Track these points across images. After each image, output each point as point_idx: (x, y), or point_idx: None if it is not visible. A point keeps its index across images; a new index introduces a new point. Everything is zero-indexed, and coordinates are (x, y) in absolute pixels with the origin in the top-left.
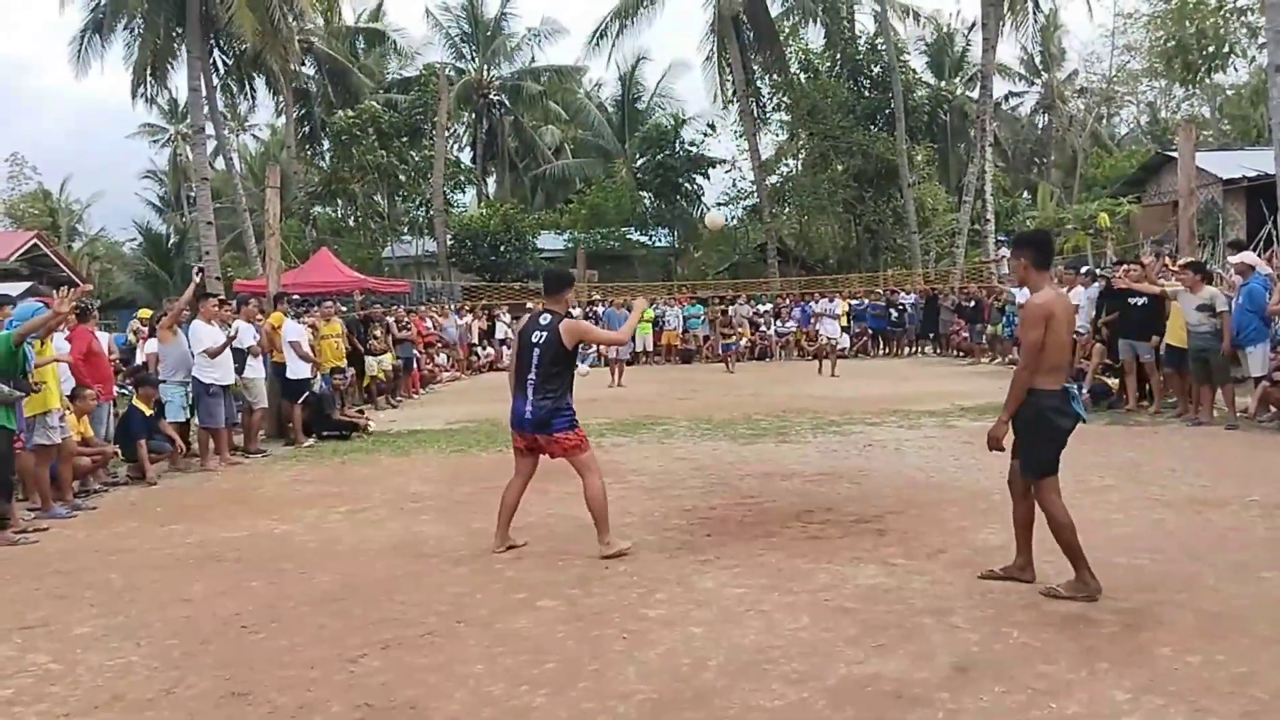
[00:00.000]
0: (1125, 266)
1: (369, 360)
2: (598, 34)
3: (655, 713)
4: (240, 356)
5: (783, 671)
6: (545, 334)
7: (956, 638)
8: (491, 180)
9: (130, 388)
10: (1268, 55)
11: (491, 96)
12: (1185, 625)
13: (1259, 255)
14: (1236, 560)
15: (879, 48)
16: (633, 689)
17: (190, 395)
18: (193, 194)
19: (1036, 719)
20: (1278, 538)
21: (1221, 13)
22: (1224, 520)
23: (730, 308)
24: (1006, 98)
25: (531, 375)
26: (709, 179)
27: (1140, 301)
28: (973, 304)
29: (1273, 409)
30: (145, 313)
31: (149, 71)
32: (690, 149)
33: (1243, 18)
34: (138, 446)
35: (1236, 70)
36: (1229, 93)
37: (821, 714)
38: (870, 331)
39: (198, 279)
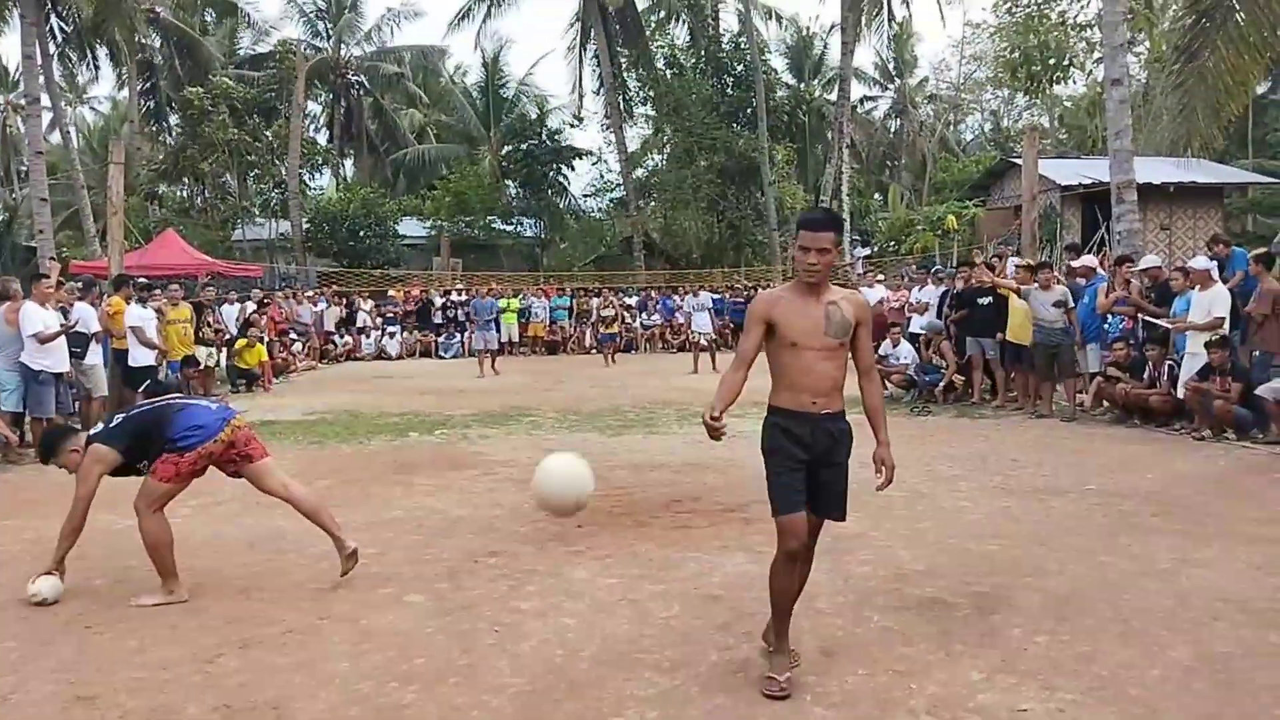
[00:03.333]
0: (965, 269)
1: (199, 350)
2: (461, 14)
3: (529, 705)
4: (81, 341)
5: (655, 660)
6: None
7: (821, 622)
8: (350, 163)
9: None
10: (1104, 69)
11: (350, 76)
12: (1033, 607)
13: (1095, 258)
14: (1078, 545)
15: (742, 47)
16: (505, 682)
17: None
18: (24, 168)
19: (898, 699)
20: (1114, 524)
21: (1063, 27)
22: (1065, 507)
23: (611, 298)
24: (861, 101)
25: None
26: (574, 170)
27: (986, 301)
28: None
29: (1105, 403)
30: None
31: None
32: (556, 139)
33: (1082, 33)
34: None
35: (1075, 82)
36: (1067, 104)
37: (694, 700)
38: (732, 325)
39: (56, 268)
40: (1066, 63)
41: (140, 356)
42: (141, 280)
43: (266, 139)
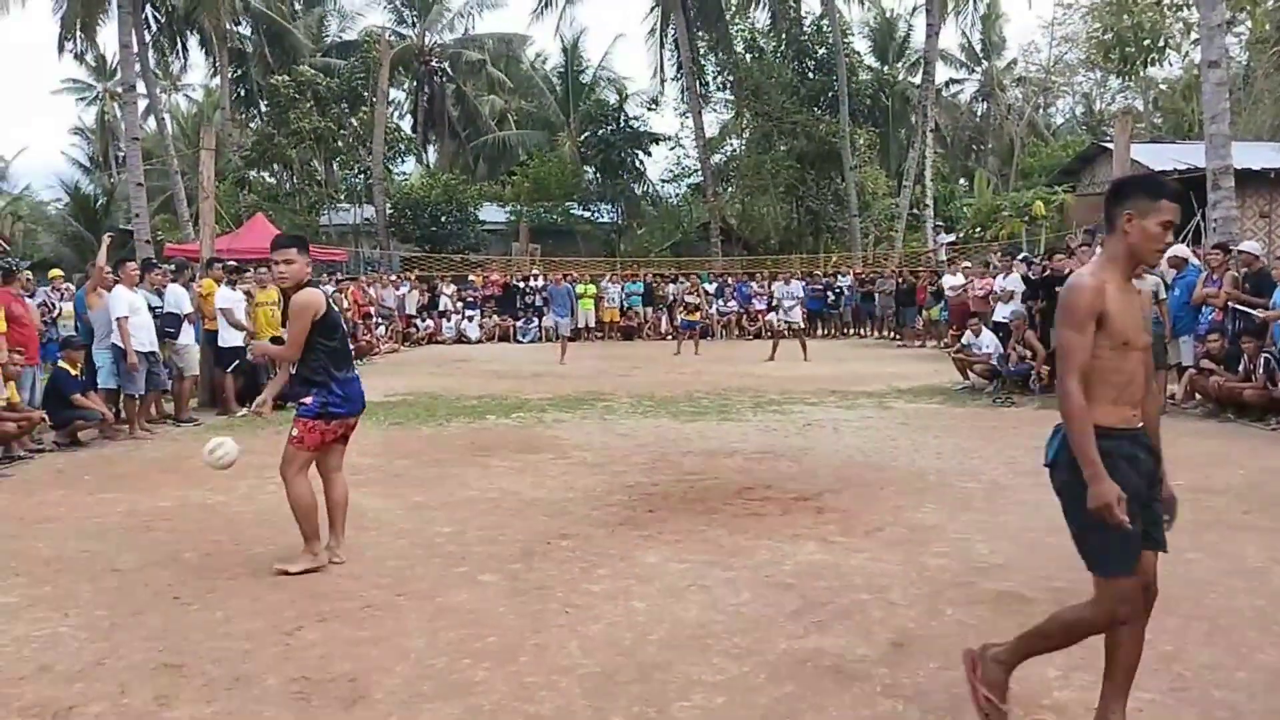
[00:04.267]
0: (1057, 257)
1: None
2: (543, 2)
3: (597, 686)
4: (175, 322)
5: (724, 646)
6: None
7: (894, 614)
8: (432, 149)
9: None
10: (1200, 50)
11: (433, 63)
12: None
13: (1188, 247)
14: None
15: (824, 29)
16: (575, 662)
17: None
18: (122, 154)
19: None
20: (1202, 520)
21: (1159, 7)
22: None
23: (697, 284)
24: (947, 84)
25: (350, 351)
26: (651, 155)
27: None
28: (906, 288)
29: (1197, 397)
30: (55, 273)
31: (78, 25)
32: (634, 125)
33: (1178, 13)
34: (71, 403)
35: (1171, 65)
36: (1163, 86)
37: (762, 688)
38: (808, 313)
39: (107, 241)
40: (1162, 44)
41: (229, 337)
42: (231, 263)
43: (352, 126)
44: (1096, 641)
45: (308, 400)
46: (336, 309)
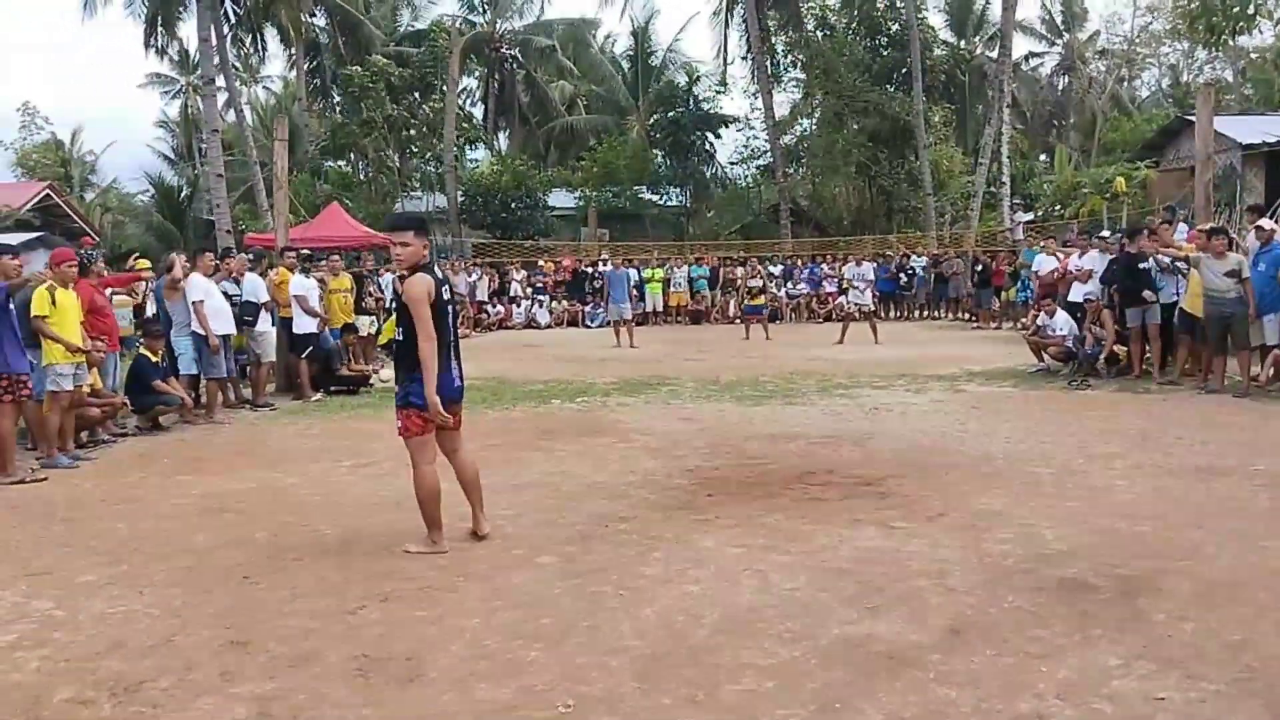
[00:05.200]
0: (1139, 238)
1: (360, 319)
2: None
3: (648, 669)
4: (252, 310)
5: (776, 631)
6: (451, 291)
7: (952, 600)
8: (503, 136)
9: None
10: None
11: (503, 50)
12: (1182, 593)
13: (1276, 222)
14: (1238, 529)
15: (898, 5)
16: (627, 645)
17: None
18: (204, 146)
19: (1027, 682)
20: None
21: None
22: (1228, 489)
23: (758, 267)
24: (1026, 58)
25: (452, 338)
26: (720, 138)
27: (1146, 267)
28: (980, 269)
29: None
30: (143, 263)
31: (159, 21)
32: (703, 106)
33: None
34: (153, 389)
35: (1262, 33)
36: (1253, 56)
37: (812, 673)
38: (879, 295)
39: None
40: (1252, 11)
41: (303, 324)
42: (305, 251)
43: (424, 114)
44: (1161, 631)
45: (399, 390)
46: (442, 297)
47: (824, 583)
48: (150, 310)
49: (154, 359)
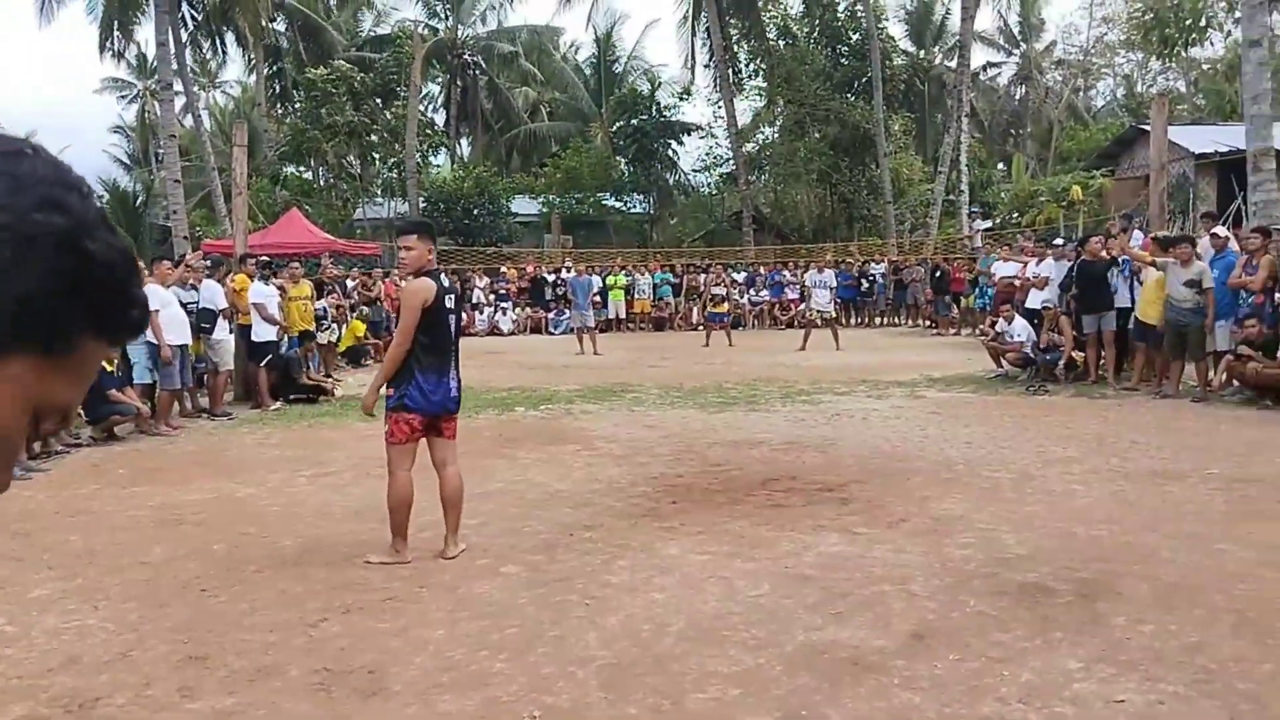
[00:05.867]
0: (1094, 238)
1: (320, 332)
2: None
3: (613, 678)
4: (210, 317)
5: (741, 638)
6: (455, 298)
7: (914, 605)
8: (465, 142)
9: None
10: (1242, 30)
11: (466, 56)
12: (1140, 596)
13: (1228, 230)
14: (1193, 532)
15: (858, 14)
16: (592, 654)
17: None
18: (161, 151)
19: (989, 686)
20: (1235, 510)
21: None
22: (1184, 492)
23: (721, 275)
24: (984, 68)
25: (453, 347)
26: (683, 145)
27: (1107, 275)
28: (939, 275)
29: (1235, 383)
30: None
31: (115, 25)
32: (667, 114)
33: None
34: (107, 399)
35: (1213, 45)
36: (1204, 68)
37: (778, 679)
38: (840, 301)
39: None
40: (1203, 24)
41: (263, 332)
42: (264, 259)
43: (386, 120)
44: (1120, 634)
45: (390, 392)
46: (444, 304)
47: (788, 589)
48: None
49: (109, 367)
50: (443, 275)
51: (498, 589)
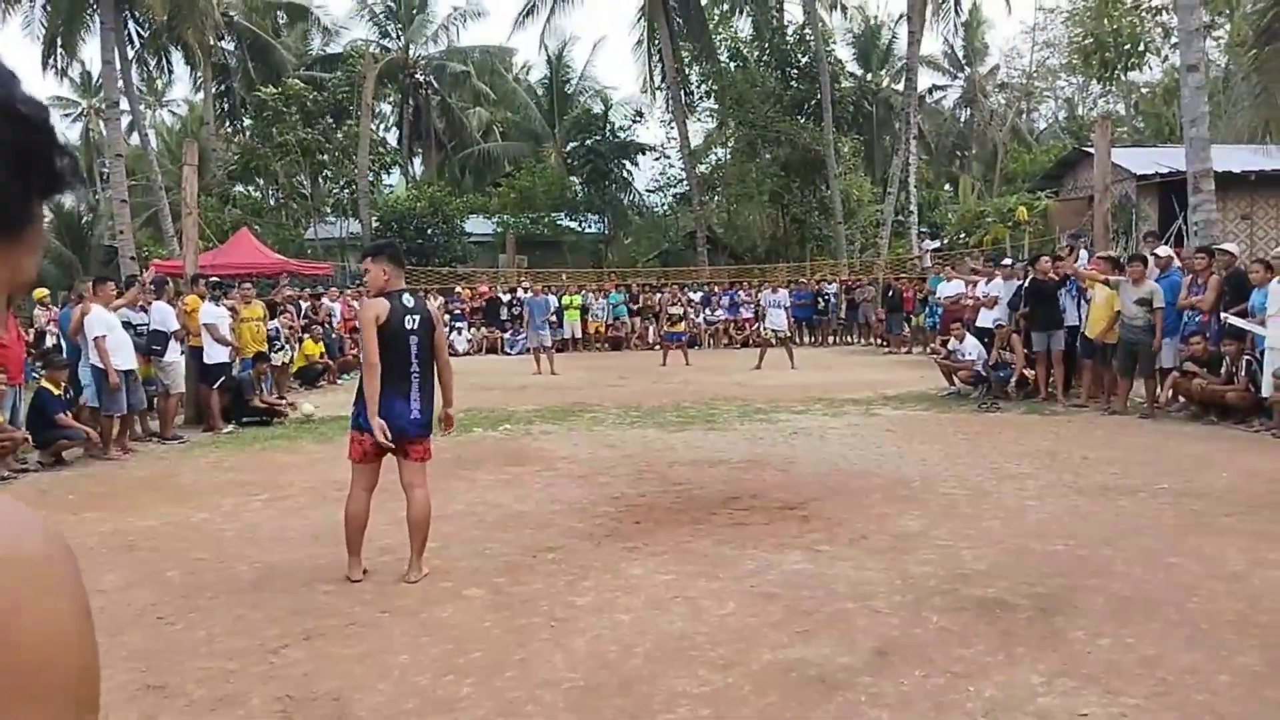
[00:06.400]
0: (1044, 258)
1: (275, 352)
2: (526, 10)
3: (582, 700)
4: (160, 339)
5: (708, 657)
6: (419, 319)
7: (878, 622)
8: (418, 161)
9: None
10: (1180, 55)
11: (418, 76)
12: (1097, 609)
13: (1170, 249)
14: (1146, 546)
15: (807, 38)
16: (560, 677)
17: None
18: (106, 170)
19: (955, 701)
20: (1185, 524)
21: (1138, 11)
22: (1135, 507)
23: (679, 295)
24: (930, 90)
25: (415, 369)
26: (638, 165)
27: (1057, 294)
28: (892, 295)
29: (1181, 399)
30: (41, 292)
31: (58, 42)
32: (620, 134)
33: (1158, 17)
34: (55, 423)
35: (1151, 69)
36: (1144, 91)
37: (746, 699)
38: (797, 321)
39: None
40: (1141, 48)
41: (214, 353)
42: (214, 279)
43: (338, 139)
44: (1080, 648)
45: (351, 411)
46: (404, 325)
47: (753, 608)
48: (50, 341)
49: (56, 391)
50: (405, 296)
51: (461, 612)
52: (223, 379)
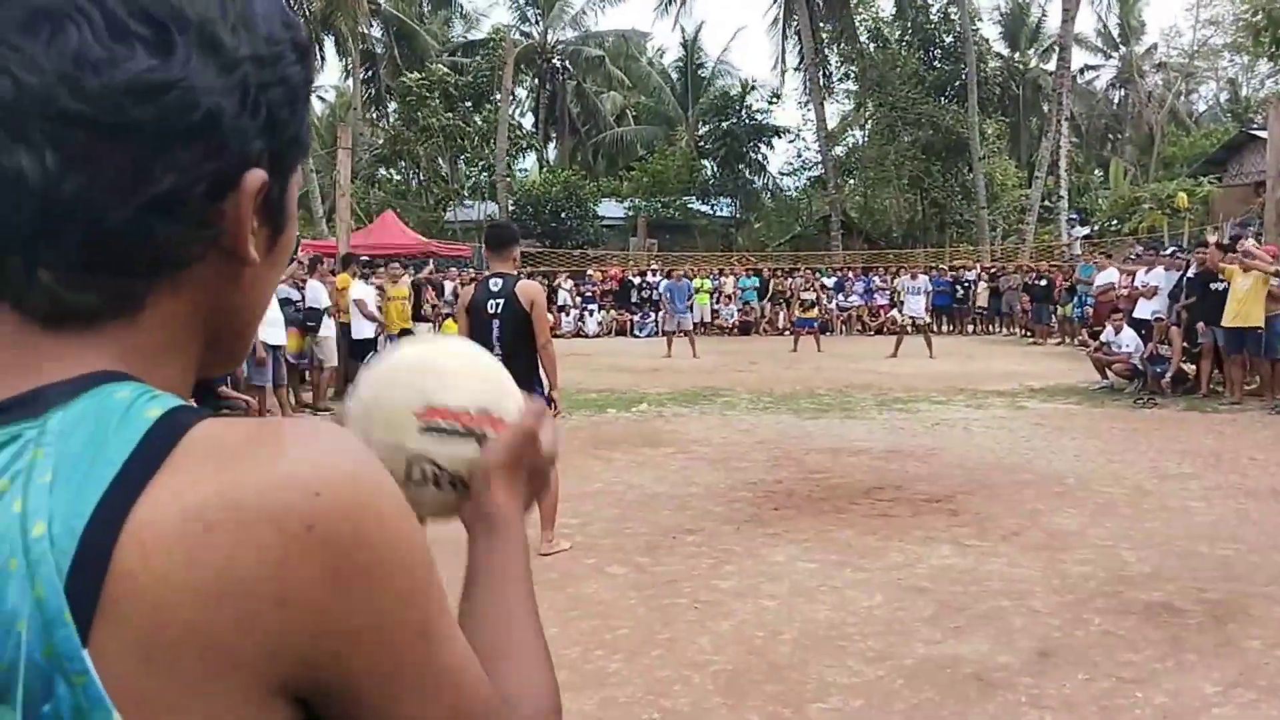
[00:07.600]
0: (1200, 250)
1: (418, 326)
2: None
3: (731, 683)
4: (315, 316)
5: (859, 649)
6: (502, 301)
7: (1036, 622)
8: (553, 146)
9: None
10: None
11: (554, 61)
12: (1274, 619)
13: None
14: None
15: (952, 16)
16: (707, 658)
17: None
18: None
19: (1123, 707)
20: None
21: None
22: None
23: (812, 279)
24: (1082, 71)
25: (497, 351)
26: (773, 148)
27: (1220, 286)
28: (1043, 283)
29: None
30: None
31: None
32: (755, 117)
33: None
34: (217, 395)
35: None
36: None
37: (899, 693)
38: (935, 309)
39: None
40: None
41: (362, 329)
42: (364, 258)
43: (476, 124)
44: (1257, 658)
45: None
46: (485, 309)
47: (902, 601)
48: None
49: None
50: (494, 280)
51: (606, 589)
52: (370, 354)
